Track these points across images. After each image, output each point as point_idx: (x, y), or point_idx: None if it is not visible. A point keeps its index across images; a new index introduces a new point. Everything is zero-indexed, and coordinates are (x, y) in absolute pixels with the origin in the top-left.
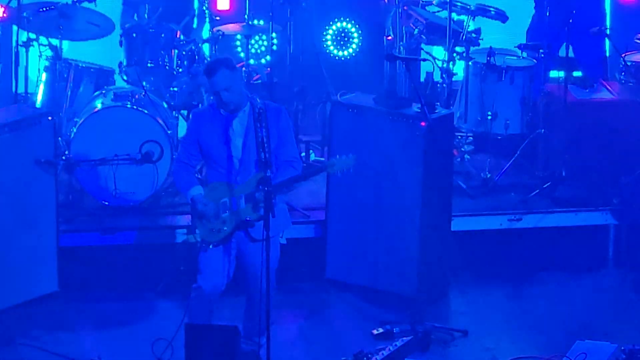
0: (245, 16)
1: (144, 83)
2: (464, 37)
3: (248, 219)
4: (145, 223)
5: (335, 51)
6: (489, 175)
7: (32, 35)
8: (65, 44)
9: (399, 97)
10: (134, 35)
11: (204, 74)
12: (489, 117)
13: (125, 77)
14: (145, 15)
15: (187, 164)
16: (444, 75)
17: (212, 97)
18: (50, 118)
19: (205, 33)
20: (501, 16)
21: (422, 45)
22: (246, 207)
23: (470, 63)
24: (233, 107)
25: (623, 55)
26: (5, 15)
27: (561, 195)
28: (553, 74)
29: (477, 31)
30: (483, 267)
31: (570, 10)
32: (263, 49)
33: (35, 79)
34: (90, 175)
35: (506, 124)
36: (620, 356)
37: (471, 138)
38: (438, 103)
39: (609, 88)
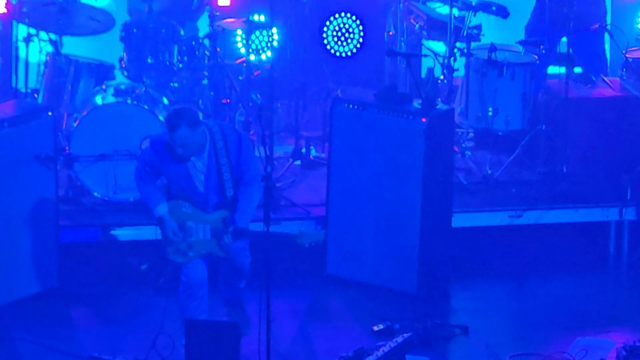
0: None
1: (144, 79)
2: (465, 33)
3: (212, 252)
4: (145, 219)
5: (335, 47)
6: (489, 172)
7: (33, 31)
8: (66, 39)
9: (399, 93)
10: (135, 30)
11: (164, 123)
12: (490, 113)
13: (125, 73)
14: (146, 9)
15: (149, 181)
16: (444, 71)
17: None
18: (50, 113)
19: (205, 28)
20: (502, 12)
21: (423, 41)
22: (211, 241)
23: (471, 59)
24: (187, 159)
25: (624, 51)
26: (5, 10)
27: (562, 191)
28: (551, 69)
29: (478, 27)
30: (484, 264)
31: (570, 7)
32: (263, 44)
33: (35, 74)
34: (90, 171)
35: (507, 120)
36: (621, 353)
37: (472, 134)
38: (439, 99)
39: (610, 84)
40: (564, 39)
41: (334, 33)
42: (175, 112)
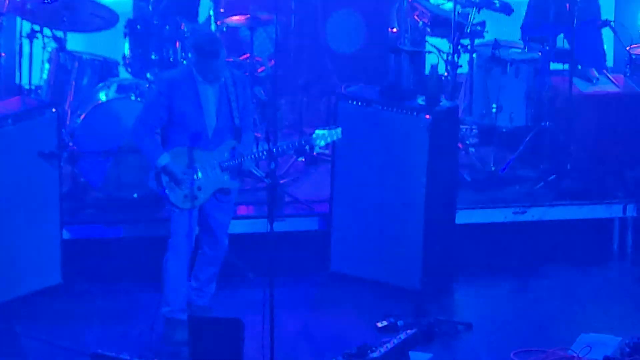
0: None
1: (148, 75)
2: (468, 29)
3: (225, 187)
4: (149, 215)
5: (339, 43)
6: (493, 168)
7: (36, 27)
8: (70, 35)
9: (403, 90)
10: (138, 27)
11: (204, 54)
12: (494, 110)
13: (129, 69)
14: (150, 7)
15: (151, 127)
16: (448, 68)
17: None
18: (53, 110)
19: (209, 25)
20: (506, 9)
21: (427, 38)
22: (222, 175)
23: (475, 55)
24: (214, 79)
25: (628, 48)
26: (9, 6)
27: (566, 188)
28: (552, 66)
29: (482, 24)
30: (487, 260)
31: (569, 3)
32: (267, 41)
33: (39, 70)
34: (94, 167)
35: (511, 116)
36: (625, 349)
37: (476, 131)
38: (443, 95)
39: (614, 81)
40: (562, 36)
41: (338, 30)
42: (211, 40)
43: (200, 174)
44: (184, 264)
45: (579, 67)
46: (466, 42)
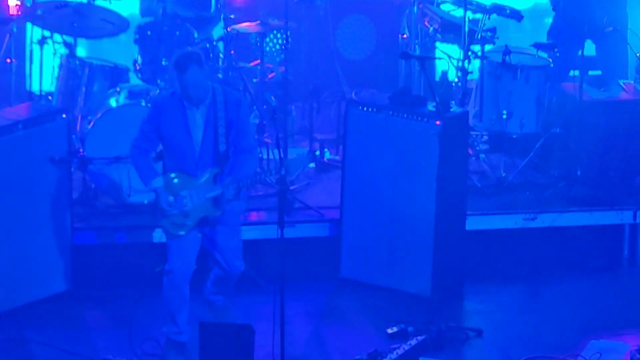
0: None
1: (159, 81)
2: (479, 35)
3: (208, 215)
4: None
5: (349, 49)
6: (503, 175)
7: (47, 33)
8: (80, 41)
9: (414, 96)
10: (149, 33)
11: (173, 67)
12: (504, 116)
13: (139, 75)
14: (160, 11)
15: (145, 150)
16: (459, 74)
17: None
18: (64, 115)
19: (220, 31)
20: (516, 15)
21: (437, 44)
22: (206, 203)
23: (485, 62)
24: (197, 101)
25: (638, 54)
26: (19, 12)
27: (576, 194)
28: (572, 73)
29: (493, 30)
30: (498, 267)
31: (590, 10)
32: (277, 47)
33: (50, 76)
34: (104, 173)
35: (521, 123)
36: (635, 356)
37: (486, 137)
38: (453, 102)
39: (625, 87)
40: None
41: (348, 36)
42: (183, 54)
43: (187, 201)
44: (181, 289)
45: (599, 72)
46: (477, 48)
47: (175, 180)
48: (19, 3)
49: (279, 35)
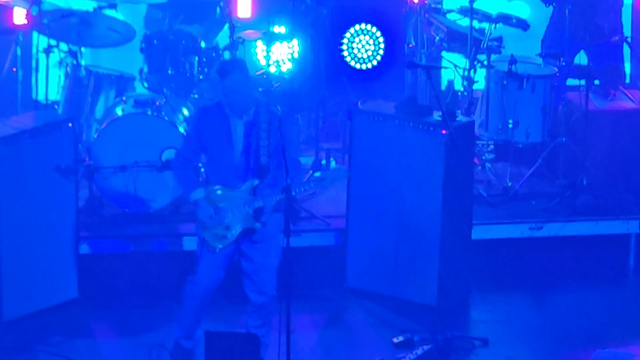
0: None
1: (165, 90)
2: (485, 45)
3: (250, 227)
4: (165, 230)
5: (356, 58)
6: (509, 184)
7: (53, 42)
8: (86, 50)
9: (420, 105)
10: (155, 42)
11: (217, 73)
12: (510, 126)
13: (145, 84)
14: (166, 21)
15: (188, 160)
16: (465, 83)
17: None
18: (70, 124)
19: (225, 39)
20: (523, 24)
21: (443, 53)
22: (246, 215)
23: (491, 71)
24: (239, 110)
25: None
26: (26, 21)
27: (582, 204)
28: (570, 82)
29: (499, 39)
30: (504, 276)
31: (588, 19)
32: (283, 56)
33: (56, 85)
34: (110, 182)
35: (527, 132)
36: None
37: (492, 146)
38: (459, 111)
39: (630, 96)
40: (582, 52)
41: (355, 45)
42: (228, 60)
43: (227, 213)
44: (203, 301)
45: (596, 82)
46: (482, 57)
47: (217, 192)
48: (25, 12)
49: (285, 44)
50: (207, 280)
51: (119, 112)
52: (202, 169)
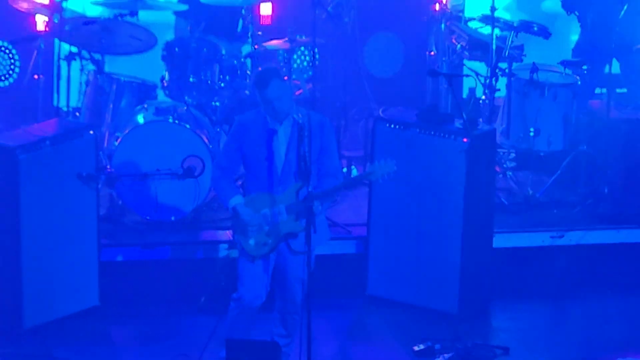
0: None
1: (186, 97)
2: (506, 53)
3: (291, 231)
4: (187, 238)
5: (377, 66)
6: (531, 192)
7: (74, 49)
8: (108, 58)
9: (441, 113)
10: (176, 49)
11: (254, 86)
12: (532, 134)
13: (167, 92)
14: (189, 28)
15: (227, 170)
16: (486, 91)
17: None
18: (91, 132)
19: (247, 48)
20: (544, 32)
21: (465, 61)
22: (288, 219)
23: (513, 79)
24: (283, 114)
25: None
26: (47, 28)
27: (603, 212)
28: (598, 91)
29: (520, 47)
30: (525, 284)
31: (614, 27)
32: (305, 64)
33: (77, 92)
34: (132, 190)
35: (549, 140)
36: None
37: (513, 154)
38: (480, 119)
39: None
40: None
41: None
42: (263, 70)
43: (268, 222)
44: (250, 316)
45: (625, 90)
46: (504, 65)
47: (256, 200)
48: (47, 19)
49: (306, 52)
50: (250, 294)
51: (140, 119)
52: (239, 181)
